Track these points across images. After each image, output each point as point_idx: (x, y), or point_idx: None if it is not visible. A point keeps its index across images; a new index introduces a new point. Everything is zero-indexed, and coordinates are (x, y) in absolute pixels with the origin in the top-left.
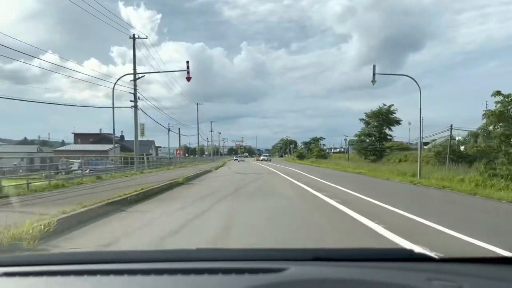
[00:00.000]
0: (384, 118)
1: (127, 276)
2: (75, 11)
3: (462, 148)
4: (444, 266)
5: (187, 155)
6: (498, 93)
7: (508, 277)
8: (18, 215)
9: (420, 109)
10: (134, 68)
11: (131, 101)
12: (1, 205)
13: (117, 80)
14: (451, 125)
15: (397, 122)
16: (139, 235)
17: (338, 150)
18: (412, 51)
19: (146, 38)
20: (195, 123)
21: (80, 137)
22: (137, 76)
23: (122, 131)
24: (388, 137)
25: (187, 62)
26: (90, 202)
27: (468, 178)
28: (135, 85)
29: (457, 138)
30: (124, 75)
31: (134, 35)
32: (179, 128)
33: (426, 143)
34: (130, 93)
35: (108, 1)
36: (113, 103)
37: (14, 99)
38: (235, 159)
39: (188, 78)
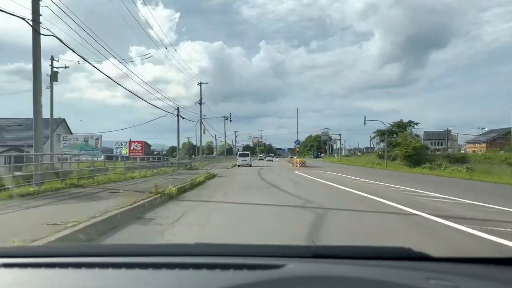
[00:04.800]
0: None
1: (124, 270)
2: (98, 13)
3: None
4: (442, 266)
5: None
6: None
7: (506, 278)
8: None
9: None
10: None
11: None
12: None
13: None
14: None
15: None
16: None
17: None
18: (435, 49)
19: None
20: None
21: None
22: None
23: None
24: None
25: None
26: None
27: None
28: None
29: None
30: None
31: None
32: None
33: None
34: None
35: (126, 2)
36: None
37: None
38: (238, 165)
39: None
